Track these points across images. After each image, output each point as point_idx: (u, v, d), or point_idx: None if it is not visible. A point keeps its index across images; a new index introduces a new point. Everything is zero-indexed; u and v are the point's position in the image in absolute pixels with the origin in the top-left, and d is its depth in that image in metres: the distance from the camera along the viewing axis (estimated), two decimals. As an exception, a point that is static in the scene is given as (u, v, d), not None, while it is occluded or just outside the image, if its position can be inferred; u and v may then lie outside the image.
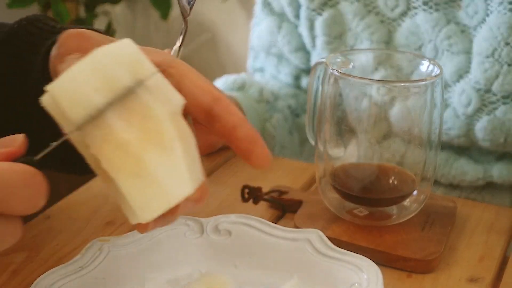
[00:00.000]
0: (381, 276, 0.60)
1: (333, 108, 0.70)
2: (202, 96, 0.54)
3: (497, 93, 0.82)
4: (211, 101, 0.54)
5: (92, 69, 0.47)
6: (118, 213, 0.76)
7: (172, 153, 0.48)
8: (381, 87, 0.69)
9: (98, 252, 0.63)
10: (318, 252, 0.64)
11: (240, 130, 0.54)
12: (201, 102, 0.54)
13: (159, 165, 0.47)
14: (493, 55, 0.81)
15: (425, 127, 0.70)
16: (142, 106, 0.48)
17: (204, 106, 0.54)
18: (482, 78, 0.82)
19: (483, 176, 0.88)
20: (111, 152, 0.47)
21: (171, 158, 0.48)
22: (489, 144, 0.85)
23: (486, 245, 0.71)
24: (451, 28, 0.83)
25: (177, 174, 0.48)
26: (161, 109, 0.48)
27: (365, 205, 0.73)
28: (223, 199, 0.79)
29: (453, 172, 0.89)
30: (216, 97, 0.54)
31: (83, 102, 0.47)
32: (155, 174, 0.47)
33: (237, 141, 0.54)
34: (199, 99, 0.54)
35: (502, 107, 0.83)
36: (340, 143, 0.72)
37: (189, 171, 0.49)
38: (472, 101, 0.84)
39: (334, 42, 0.91)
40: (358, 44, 0.90)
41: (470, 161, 0.89)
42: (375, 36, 0.88)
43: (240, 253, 0.66)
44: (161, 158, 0.47)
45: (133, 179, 0.47)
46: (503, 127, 0.83)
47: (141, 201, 0.48)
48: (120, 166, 0.47)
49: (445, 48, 0.84)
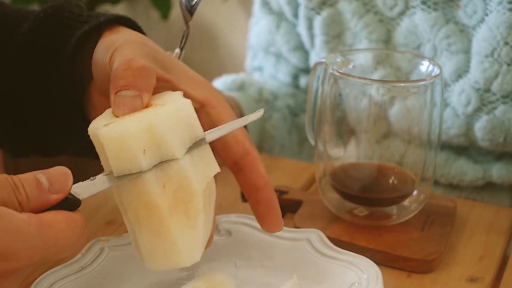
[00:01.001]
0: (381, 276, 0.60)
1: (333, 108, 0.70)
2: (234, 147, 0.56)
3: (496, 92, 0.82)
4: (241, 152, 0.56)
5: (147, 128, 0.48)
6: (118, 213, 0.76)
7: (195, 225, 0.50)
8: (380, 87, 0.69)
9: (98, 252, 0.63)
10: (318, 252, 0.64)
11: (261, 194, 0.56)
12: (233, 153, 0.56)
13: (180, 233, 0.50)
14: (492, 54, 0.81)
15: (424, 127, 0.70)
16: (182, 176, 0.50)
17: (232, 155, 0.56)
18: (481, 77, 0.82)
19: (482, 176, 0.88)
20: (141, 209, 0.49)
21: (192, 230, 0.50)
22: (489, 144, 0.85)
23: (486, 245, 0.71)
24: (450, 28, 0.83)
25: (193, 244, 0.51)
26: (197, 184, 0.50)
27: (365, 205, 0.73)
28: (223, 199, 0.79)
29: (453, 172, 0.89)
30: (247, 151, 0.56)
31: (129, 160, 0.48)
32: (174, 239, 0.50)
33: (256, 203, 0.57)
34: (230, 150, 0.56)
35: (502, 107, 0.83)
36: (340, 143, 0.72)
37: (203, 242, 0.52)
38: (471, 100, 0.84)
39: (332, 42, 0.91)
40: (357, 43, 0.90)
41: (469, 161, 0.89)
42: (374, 35, 0.88)
43: (240, 253, 0.66)
44: (183, 227, 0.50)
45: (153, 236, 0.50)
46: (503, 126, 0.83)
47: (152, 254, 0.51)
48: (145, 223, 0.50)
49: (444, 47, 0.84)
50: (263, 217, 0.57)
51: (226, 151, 0.57)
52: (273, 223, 0.58)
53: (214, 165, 0.53)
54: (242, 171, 0.57)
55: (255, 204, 0.57)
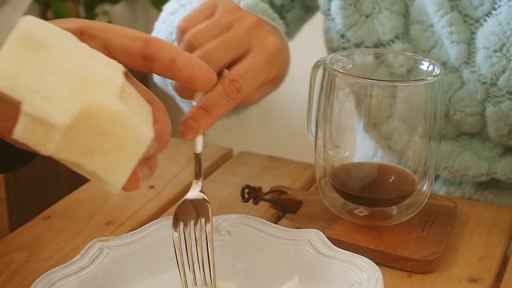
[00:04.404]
0: (381, 276, 0.60)
1: (333, 108, 0.70)
2: (132, 44, 0.54)
3: (502, 88, 0.81)
4: (142, 44, 0.54)
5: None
6: (118, 213, 0.76)
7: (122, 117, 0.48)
8: (381, 87, 0.69)
9: (98, 252, 0.63)
10: (318, 252, 0.64)
11: (178, 60, 0.54)
12: (133, 49, 0.54)
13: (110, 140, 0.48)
14: (501, 49, 0.80)
15: (425, 126, 0.70)
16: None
17: (137, 52, 0.54)
18: (488, 72, 0.81)
19: (486, 172, 0.88)
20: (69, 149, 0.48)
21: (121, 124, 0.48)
22: (494, 134, 0.84)
23: (486, 245, 0.71)
24: (454, 16, 0.82)
25: (130, 132, 0.48)
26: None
27: (365, 205, 0.73)
28: (223, 199, 0.79)
29: (457, 165, 0.88)
30: (146, 39, 0.55)
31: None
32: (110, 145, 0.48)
33: (179, 71, 0.55)
34: (130, 48, 0.54)
35: (507, 102, 0.82)
36: (340, 143, 0.72)
37: (140, 123, 0.49)
38: (478, 92, 0.83)
39: (349, 9, 0.88)
40: (376, 14, 0.87)
41: (474, 156, 0.89)
42: (395, 6, 0.86)
43: (240, 253, 0.66)
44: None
45: (93, 158, 0.48)
46: (508, 120, 0.83)
47: (109, 171, 0.49)
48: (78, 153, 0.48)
49: (446, 35, 0.83)
50: (191, 78, 0.55)
51: (127, 52, 0.55)
52: (200, 76, 0.56)
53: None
54: (153, 57, 0.55)
55: (179, 73, 0.55)
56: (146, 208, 0.77)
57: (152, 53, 0.55)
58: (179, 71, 0.55)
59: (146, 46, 0.55)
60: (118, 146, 0.48)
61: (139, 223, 0.74)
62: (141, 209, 0.77)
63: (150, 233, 0.67)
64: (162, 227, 0.67)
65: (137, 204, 0.78)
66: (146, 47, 0.55)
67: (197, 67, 0.55)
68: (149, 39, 0.55)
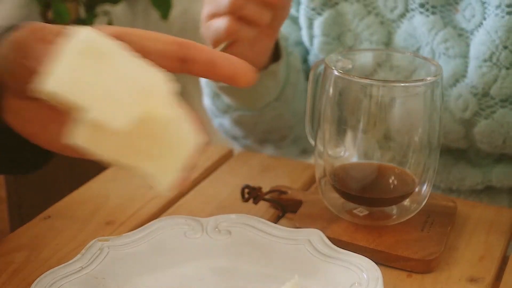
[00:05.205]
0: (381, 276, 0.60)
1: (333, 108, 0.70)
2: (169, 48, 0.55)
3: (495, 97, 0.82)
4: (179, 48, 0.55)
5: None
6: (118, 213, 0.76)
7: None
8: (381, 87, 0.69)
9: (98, 252, 0.63)
10: (318, 252, 0.64)
11: (219, 60, 0.55)
12: (170, 53, 0.55)
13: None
14: (491, 59, 0.80)
15: (425, 126, 0.70)
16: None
17: (174, 56, 0.55)
18: (480, 82, 0.82)
19: (482, 180, 0.88)
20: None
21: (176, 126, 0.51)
22: (487, 146, 0.85)
23: (486, 245, 0.71)
24: (448, 32, 0.83)
25: (184, 137, 0.51)
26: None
27: (365, 205, 0.73)
28: (223, 199, 0.79)
29: (452, 177, 0.89)
30: (181, 43, 0.55)
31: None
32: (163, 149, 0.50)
33: (221, 70, 0.55)
34: (167, 52, 0.55)
35: (501, 110, 0.82)
36: (340, 143, 0.72)
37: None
38: (469, 106, 0.83)
39: (332, 43, 0.90)
40: (358, 45, 0.89)
41: (468, 165, 0.89)
42: (375, 37, 0.88)
43: (240, 253, 0.66)
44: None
45: (148, 162, 0.50)
46: (502, 129, 0.83)
47: (162, 173, 0.51)
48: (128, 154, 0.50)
49: (442, 51, 0.83)
50: (234, 75, 0.56)
51: (164, 57, 0.55)
52: (244, 73, 0.56)
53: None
54: (192, 59, 0.56)
55: (220, 71, 0.56)
56: (146, 208, 0.77)
57: (190, 56, 0.56)
58: (221, 69, 0.56)
59: (183, 49, 0.56)
60: (171, 150, 0.50)
61: (139, 223, 0.74)
62: (141, 209, 0.77)
63: (150, 233, 0.67)
64: (162, 227, 0.67)
65: (137, 204, 0.78)
66: (182, 50, 0.56)
67: (238, 65, 0.56)
68: (183, 42, 0.56)
